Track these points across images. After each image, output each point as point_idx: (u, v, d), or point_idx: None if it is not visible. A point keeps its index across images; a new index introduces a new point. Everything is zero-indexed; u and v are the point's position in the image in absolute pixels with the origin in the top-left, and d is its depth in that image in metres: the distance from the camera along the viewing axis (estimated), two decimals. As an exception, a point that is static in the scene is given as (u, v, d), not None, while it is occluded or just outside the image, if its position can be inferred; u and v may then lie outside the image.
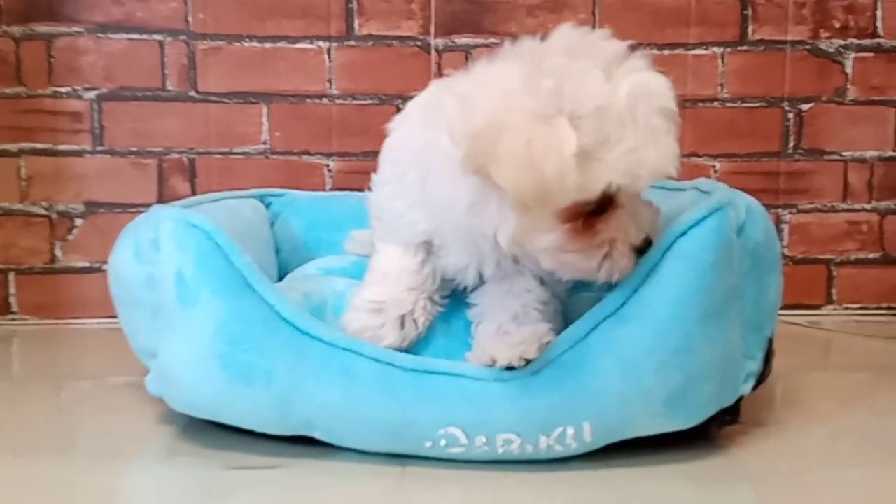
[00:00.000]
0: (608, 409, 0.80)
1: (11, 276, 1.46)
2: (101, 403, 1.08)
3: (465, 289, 0.92)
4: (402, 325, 0.88)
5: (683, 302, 0.80)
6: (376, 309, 0.88)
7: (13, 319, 1.46)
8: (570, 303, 0.97)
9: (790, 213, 1.53)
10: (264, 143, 1.47)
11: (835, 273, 1.55)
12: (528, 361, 0.79)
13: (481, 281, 0.91)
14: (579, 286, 0.99)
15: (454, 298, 0.93)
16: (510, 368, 0.80)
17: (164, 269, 0.87)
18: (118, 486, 0.84)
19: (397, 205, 0.91)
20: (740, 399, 0.88)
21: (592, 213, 0.76)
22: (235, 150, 1.47)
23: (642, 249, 0.79)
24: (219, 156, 1.47)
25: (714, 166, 1.52)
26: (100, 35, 1.43)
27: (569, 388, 0.80)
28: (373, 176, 0.94)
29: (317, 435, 0.84)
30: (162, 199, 1.46)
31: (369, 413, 0.81)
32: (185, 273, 0.85)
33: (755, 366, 0.89)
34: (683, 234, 0.80)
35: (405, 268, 0.89)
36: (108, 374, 1.20)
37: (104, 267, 1.44)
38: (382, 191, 0.94)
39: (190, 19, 1.44)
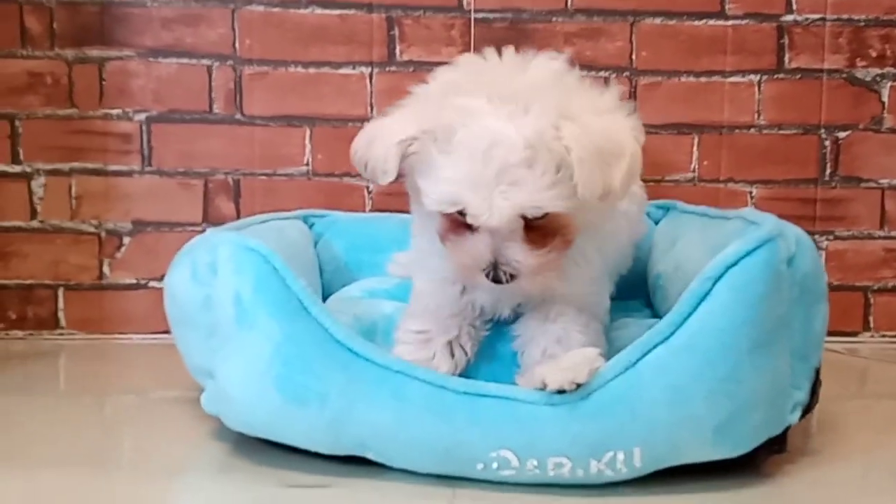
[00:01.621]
0: (657, 436, 0.81)
1: (61, 292, 1.49)
2: (146, 418, 1.10)
3: (506, 319, 0.94)
4: (453, 353, 0.90)
5: (733, 331, 0.81)
6: (424, 339, 0.90)
7: (61, 334, 1.50)
8: (612, 327, 0.99)
9: (827, 239, 1.53)
10: (307, 164, 1.50)
11: (872, 300, 1.55)
12: (578, 386, 0.81)
13: (517, 313, 0.93)
14: (620, 310, 1.01)
15: (497, 324, 0.95)
16: (561, 392, 0.81)
17: (222, 291, 0.90)
18: (171, 499, 0.87)
19: (421, 240, 0.94)
20: (787, 428, 0.89)
21: (461, 225, 0.81)
22: (279, 172, 1.50)
23: (494, 278, 0.81)
24: (262, 177, 1.50)
25: (751, 192, 1.53)
26: (150, 59, 1.47)
27: (619, 414, 0.81)
28: None
29: (369, 455, 0.86)
30: (207, 218, 1.50)
31: (421, 435, 0.83)
32: (244, 296, 0.88)
33: (802, 395, 0.90)
34: (734, 264, 0.81)
35: (445, 297, 0.92)
36: (152, 389, 1.23)
37: (150, 284, 1.49)
38: (413, 225, 0.97)
39: (237, 45, 1.48)
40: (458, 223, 0.82)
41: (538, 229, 0.81)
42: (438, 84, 0.85)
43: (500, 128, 0.77)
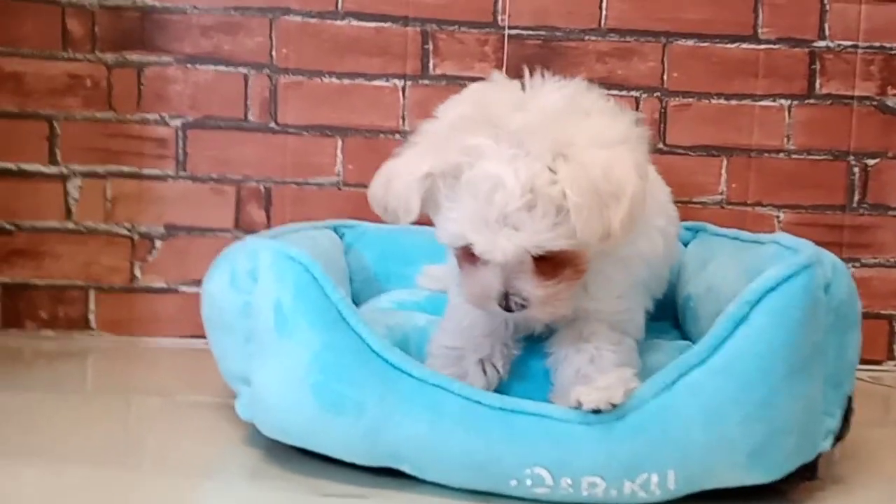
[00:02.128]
0: (692, 458, 0.81)
1: (92, 294, 1.51)
2: (172, 420, 1.11)
3: (539, 335, 0.95)
4: (485, 371, 0.91)
5: (770, 356, 0.81)
6: (457, 356, 0.91)
7: (91, 335, 1.51)
8: (642, 348, 0.99)
9: (853, 266, 1.53)
10: (338, 174, 1.52)
11: (897, 329, 1.55)
12: (614, 406, 0.81)
13: (550, 329, 0.93)
14: (649, 331, 1.02)
15: (529, 342, 0.96)
16: (596, 412, 0.82)
17: (263, 298, 0.91)
18: (202, 501, 0.87)
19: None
20: (819, 456, 0.89)
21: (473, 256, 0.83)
22: (310, 181, 1.51)
23: (507, 308, 0.83)
24: (294, 185, 1.51)
25: (778, 216, 1.53)
26: (188, 65, 1.49)
27: (654, 435, 0.81)
28: None
29: (404, 468, 0.86)
30: (238, 225, 1.51)
31: (456, 448, 0.84)
32: (284, 304, 0.89)
33: (834, 423, 0.90)
34: (772, 289, 0.82)
35: (479, 315, 0.92)
36: (180, 392, 1.24)
37: (181, 288, 1.51)
38: None
39: (274, 54, 1.50)
40: (471, 254, 0.83)
41: (548, 261, 0.82)
42: (447, 120, 0.85)
43: (500, 172, 0.78)
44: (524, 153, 0.78)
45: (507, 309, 0.83)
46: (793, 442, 0.84)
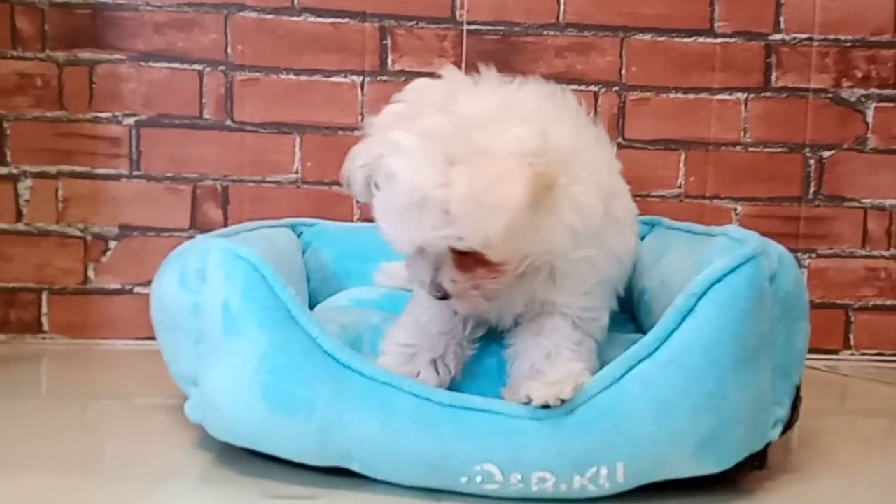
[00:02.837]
0: (642, 451, 0.82)
1: (45, 296, 1.48)
2: (129, 424, 1.10)
3: (498, 330, 0.95)
4: (437, 371, 0.90)
5: (718, 347, 0.82)
6: (409, 354, 0.91)
7: (44, 338, 1.49)
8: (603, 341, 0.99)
9: (809, 257, 1.55)
10: (296, 172, 1.50)
11: (853, 318, 1.57)
12: (563, 402, 0.81)
13: (515, 323, 0.94)
14: (614, 326, 1.01)
15: (485, 338, 0.96)
16: (545, 407, 0.82)
17: (211, 298, 0.90)
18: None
19: None
20: (768, 445, 0.90)
21: None
22: (268, 179, 1.50)
23: (433, 296, 0.86)
24: (251, 184, 1.50)
25: (735, 209, 1.55)
26: (141, 63, 1.47)
27: (603, 429, 0.81)
28: None
29: (354, 467, 0.86)
30: (195, 224, 1.49)
31: (407, 446, 0.83)
32: (232, 304, 0.88)
33: (783, 412, 0.91)
34: (718, 281, 0.82)
35: (438, 312, 0.93)
36: (136, 395, 1.22)
37: (136, 289, 1.49)
38: None
39: (229, 51, 1.48)
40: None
41: (467, 257, 0.83)
42: (388, 115, 0.87)
43: (398, 168, 0.81)
44: (424, 154, 0.80)
45: (435, 296, 0.86)
46: (742, 432, 0.84)
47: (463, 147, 0.80)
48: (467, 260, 0.83)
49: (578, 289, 0.91)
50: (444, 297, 0.86)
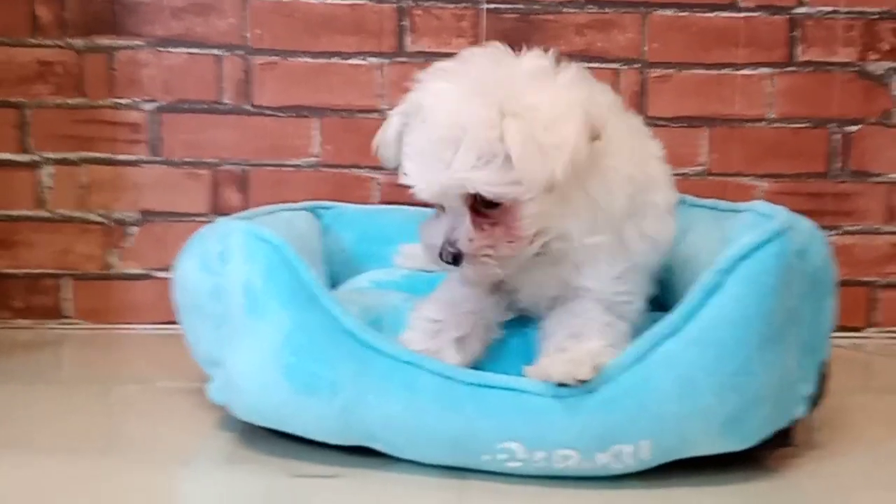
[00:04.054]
0: (666, 429, 0.81)
1: (66, 282, 1.50)
2: (152, 407, 1.11)
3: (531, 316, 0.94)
4: (460, 349, 0.90)
5: (744, 325, 0.81)
6: (434, 330, 0.90)
7: (66, 324, 1.50)
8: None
9: (835, 234, 1.53)
10: (315, 155, 1.50)
11: (878, 296, 1.54)
12: (582, 381, 0.81)
13: (548, 310, 0.93)
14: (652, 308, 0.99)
15: (512, 322, 0.95)
16: (563, 385, 0.81)
17: (233, 280, 0.90)
18: (179, 488, 0.87)
19: None
20: (794, 422, 0.89)
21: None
22: (287, 163, 1.50)
23: (443, 259, 0.84)
24: (271, 168, 1.50)
25: (759, 186, 1.52)
26: (160, 49, 1.47)
27: (627, 407, 0.81)
28: None
29: (378, 446, 0.86)
30: (215, 209, 1.50)
31: (430, 425, 0.83)
32: (255, 285, 0.88)
33: (809, 389, 0.90)
34: (745, 257, 0.81)
35: (472, 291, 0.92)
36: (158, 379, 1.23)
37: (157, 274, 1.49)
38: None
39: (247, 35, 1.48)
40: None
41: (486, 218, 0.83)
42: (433, 70, 0.88)
43: (445, 107, 0.81)
44: (472, 95, 0.81)
45: (442, 259, 0.84)
46: (767, 410, 0.83)
47: (513, 100, 0.80)
48: (485, 221, 0.83)
49: (607, 274, 0.89)
50: (456, 259, 0.84)
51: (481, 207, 0.83)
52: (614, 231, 0.88)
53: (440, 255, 0.85)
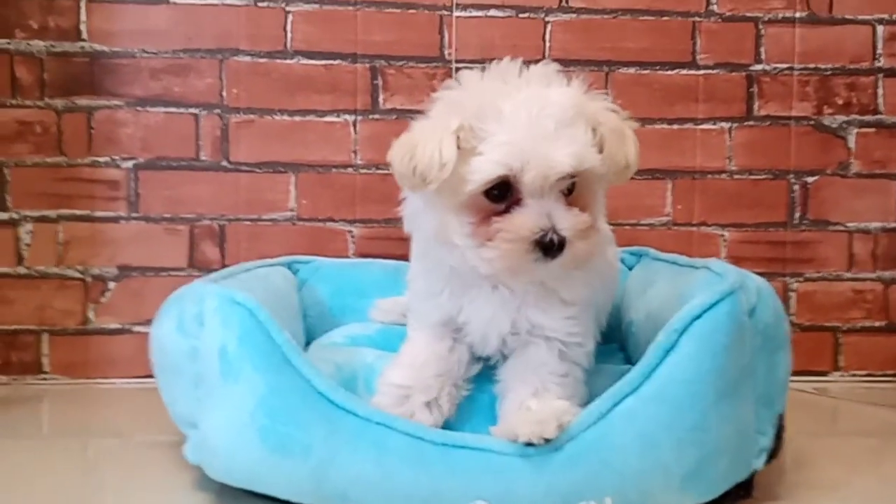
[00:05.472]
0: (629, 485, 0.84)
1: (45, 337, 1.51)
2: (129, 463, 1.11)
3: (490, 365, 0.97)
4: (431, 412, 0.92)
5: (699, 382, 0.84)
6: (403, 395, 0.93)
7: (45, 379, 1.51)
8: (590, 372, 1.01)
9: (797, 281, 1.58)
10: (291, 210, 1.54)
11: (841, 340, 1.59)
12: (547, 440, 0.84)
13: (503, 356, 0.96)
14: (601, 356, 1.04)
15: (477, 375, 0.98)
16: (531, 444, 0.84)
17: (209, 343, 0.92)
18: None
19: (418, 284, 0.98)
20: (754, 474, 0.92)
21: (498, 212, 0.86)
22: (264, 217, 1.53)
23: (547, 245, 0.83)
24: (248, 222, 1.53)
25: (723, 235, 1.58)
26: (138, 108, 1.51)
27: (591, 464, 0.84)
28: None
29: (350, 506, 0.88)
30: (193, 263, 1.52)
31: (401, 485, 0.85)
32: (229, 349, 0.90)
33: (767, 441, 0.93)
34: (698, 317, 0.85)
35: (434, 353, 0.95)
36: (136, 434, 1.24)
37: (135, 328, 1.51)
38: (412, 269, 1.00)
39: (224, 94, 1.52)
40: (493, 211, 0.86)
41: (568, 198, 0.87)
42: (455, 88, 0.91)
43: (546, 94, 0.86)
44: (555, 83, 0.88)
45: (549, 247, 0.83)
46: (726, 463, 0.87)
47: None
48: (569, 201, 0.87)
49: (563, 311, 0.93)
50: (562, 245, 0.83)
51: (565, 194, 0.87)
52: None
53: (544, 241, 0.83)
